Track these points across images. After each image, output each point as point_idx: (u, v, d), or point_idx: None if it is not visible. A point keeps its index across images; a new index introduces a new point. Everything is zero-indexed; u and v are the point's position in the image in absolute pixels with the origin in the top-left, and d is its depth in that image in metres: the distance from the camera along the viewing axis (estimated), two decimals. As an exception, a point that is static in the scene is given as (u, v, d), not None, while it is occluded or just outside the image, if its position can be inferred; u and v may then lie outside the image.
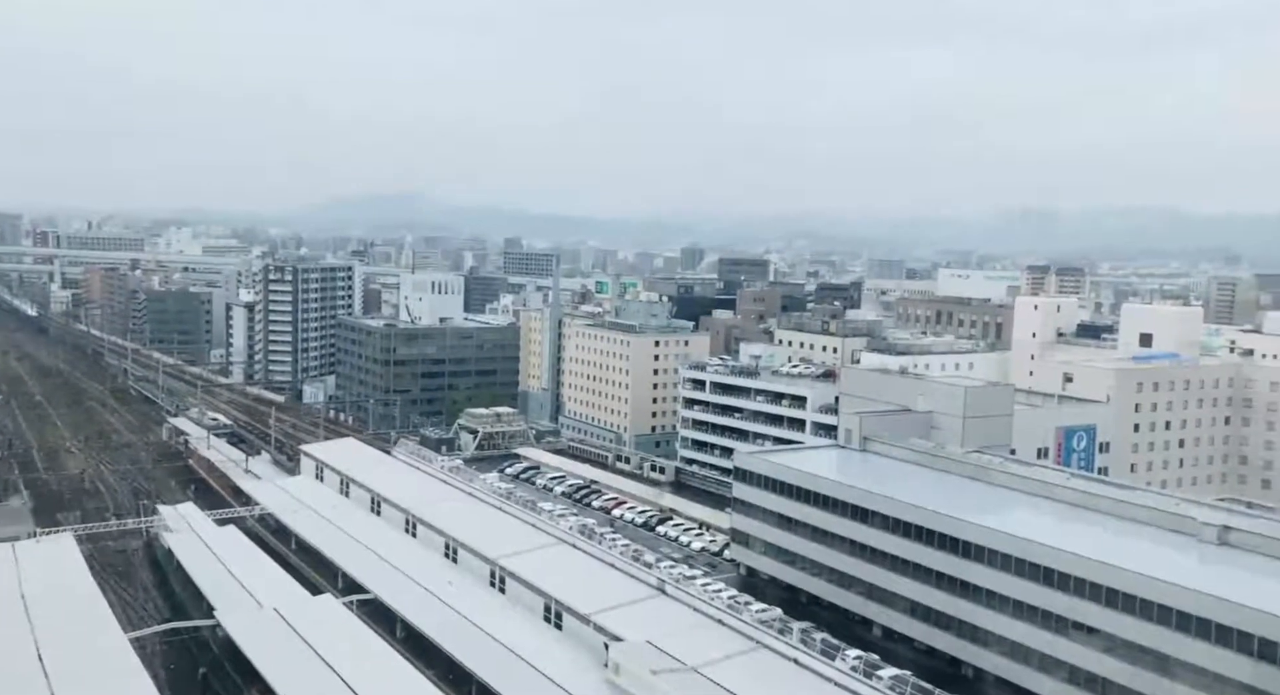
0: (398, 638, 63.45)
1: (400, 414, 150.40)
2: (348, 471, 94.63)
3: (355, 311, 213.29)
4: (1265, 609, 46.67)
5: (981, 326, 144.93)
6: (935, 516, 62.29)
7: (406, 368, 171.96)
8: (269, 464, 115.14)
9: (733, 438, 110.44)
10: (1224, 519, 59.15)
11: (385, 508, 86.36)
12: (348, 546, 78.35)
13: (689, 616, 60.13)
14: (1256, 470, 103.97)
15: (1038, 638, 55.37)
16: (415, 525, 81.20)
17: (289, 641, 58.40)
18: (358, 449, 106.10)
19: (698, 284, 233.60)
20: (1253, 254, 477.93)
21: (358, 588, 70.23)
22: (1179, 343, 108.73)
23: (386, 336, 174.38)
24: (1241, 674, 46.59)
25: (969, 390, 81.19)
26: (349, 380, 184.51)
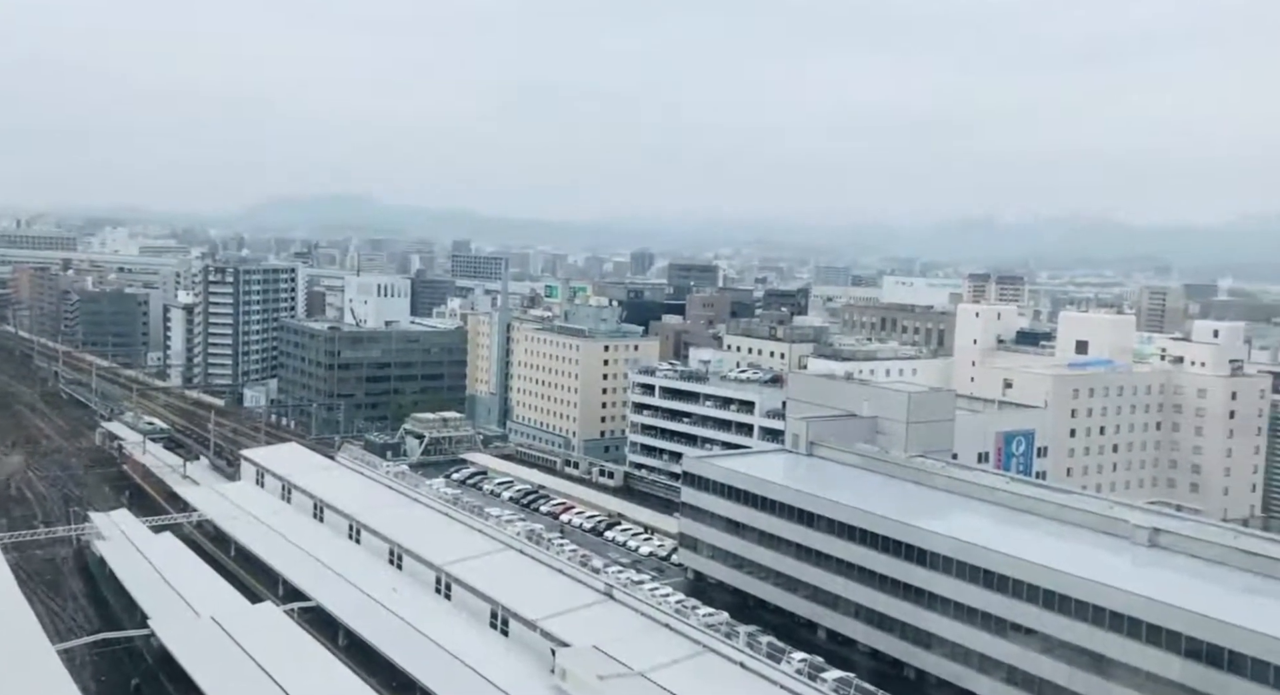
0: (340, 646, 62.27)
1: (344, 418, 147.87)
2: (289, 477, 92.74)
3: (298, 314, 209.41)
4: (1191, 608, 48.19)
5: (925, 333, 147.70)
6: (879, 520, 63.17)
7: (351, 371, 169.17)
8: (208, 469, 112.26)
9: (681, 442, 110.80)
10: (1154, 521, 60.99)
11: (328, 513, 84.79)
12: (289, 553, 76.72)
13: (637, 621, 60.07)
14: (1185, 473, 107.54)
15: (978, 639, 56.43)
16: (359, 531, 79.86)
17: (227, 651, 56.94)
18: (300, 454, 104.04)
19: (648, 289, 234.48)
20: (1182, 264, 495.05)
21: (299, 595, 68.82)
22: (1113, 350, 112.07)
23: (330, 339, 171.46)
24: (1171, 672, 48.02)
25: (912, 396, 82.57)
26: (291, 384, 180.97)
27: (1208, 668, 46.65)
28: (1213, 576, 54.54)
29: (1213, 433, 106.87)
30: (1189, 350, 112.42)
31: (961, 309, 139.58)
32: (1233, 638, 46.09)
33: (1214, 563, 55.88)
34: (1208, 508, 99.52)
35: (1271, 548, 57.96)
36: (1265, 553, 55.82)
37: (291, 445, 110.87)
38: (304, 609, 66.44)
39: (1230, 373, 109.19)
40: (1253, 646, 45.30)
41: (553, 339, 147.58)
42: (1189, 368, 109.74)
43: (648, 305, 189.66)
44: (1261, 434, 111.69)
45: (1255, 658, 45.06)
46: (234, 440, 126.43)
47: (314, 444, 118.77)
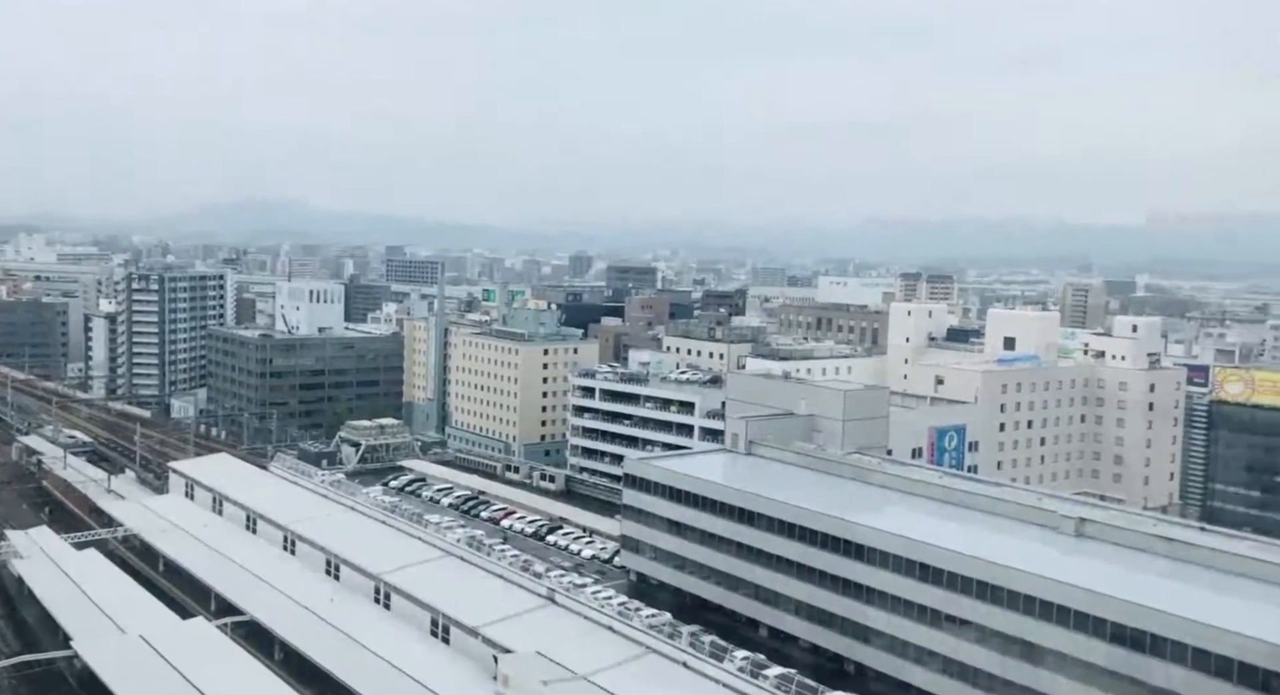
0: (276, 660, 60.85)
1: (277, 428, 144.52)
2: (221, 488, 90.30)
3: (228, 321, 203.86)
4: (1114, 594, 49.95)
5: (859, 332, 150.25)
6: (817, 517, 64.11)
7: (284, 379, 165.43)
8: (134, 483, 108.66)
9: (622, 445, 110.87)
10: (1081, 512, 63.08)
11: (261, 525, 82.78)
12: (221, 567, 74.70)
13: (579, 625, 59.94)
14: (1108, 464, 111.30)
15: (914, 631, 57.65)
16: (294, 542, 78.12)
17: (156, 669, 55.18)
18: (231, 465, 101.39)
19: (586, 291, 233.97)
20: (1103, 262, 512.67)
21: (232, 609, 67.06)
22: (1039, 346, 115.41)
23: (262, 347, 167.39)
24: (1096, 657, 49.68)
25: (848, 394, 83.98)
26: (222, 393, 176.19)
27: (1130, 651, 48.38)
28: (1135, 563, 56.61)
29: (1133, 424, 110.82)
30: (1110, 345, 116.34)
31: (894, 308, 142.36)
32: (1152, 621, 47.89)
33: (1136, 550, 58.01)
34: (1130, 496, 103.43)
35: (1188, 534, 60.47)
36: (1183, 539, 58.18)
37: (222, 456, 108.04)
38: (238, 623, 64.76)
39: (1148, 366, 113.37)
40: (1171, 629, 47.13)
41: (491, 343, 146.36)
42: (1110, 362, 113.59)
43: (587, 308, 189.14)
44: (1178, 424, 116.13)
45: (1174, 640, 46.89)
46: (161, 452, 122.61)
47: (246, 454, 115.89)
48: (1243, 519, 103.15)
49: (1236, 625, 45.75)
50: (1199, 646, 45.93)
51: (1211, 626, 46.04)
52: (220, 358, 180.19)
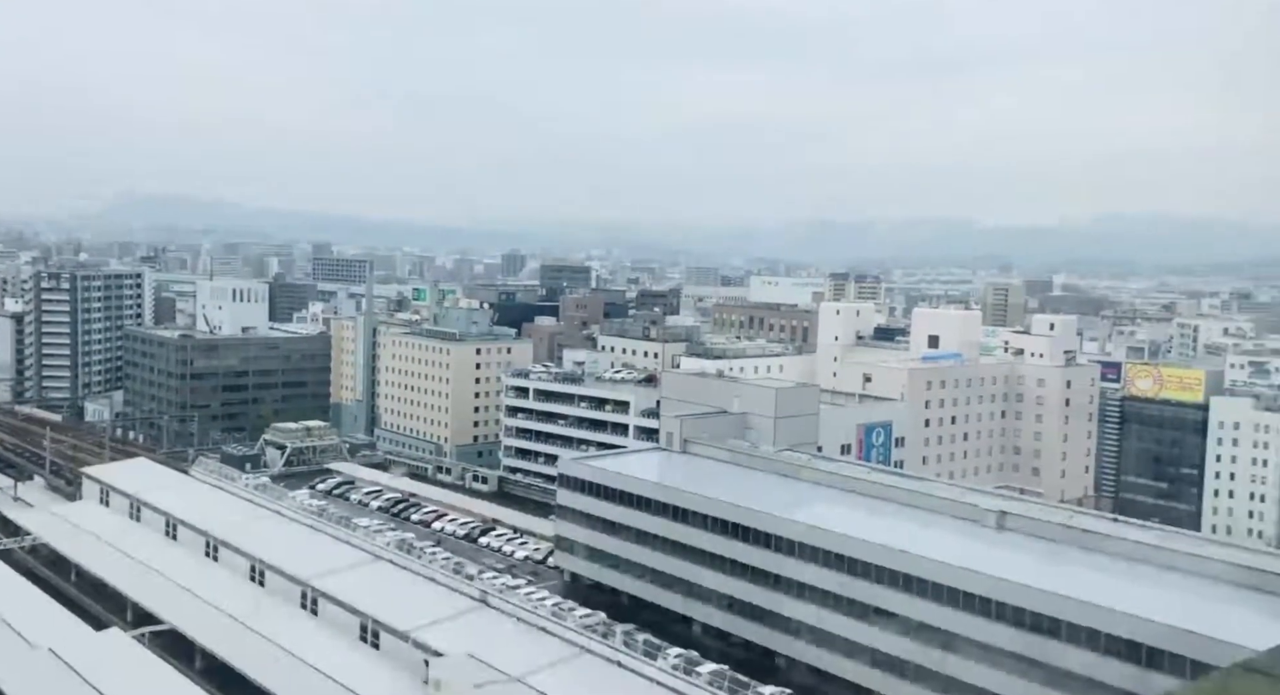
0: (197, 669, 58.98)
1: (199, 431, 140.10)
2: (138, 494, 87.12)
3: (146, 321, 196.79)
4: (1023, 583, 51.62)
5: (790, 331, 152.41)
6: (749, 513, 64.80)
7: (205, 381, 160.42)
8: (43, 490, 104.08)
9: (557, 444, 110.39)
10: (1002, 505, 65.03)
11: (182, 531, 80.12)
12: (139, 575, 72.09)
13: (512, 626, 59.51)
14: (1028, 458, 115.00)
15: (843, 625, 58.66)
16: (217, 548, 75.82)
17: (66, 683, 52.94)
18: (150, 470, 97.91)
19: (519, 291, 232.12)
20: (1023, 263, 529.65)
21: (151, 619, 64.77)
22: (961, 344, 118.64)
23: (182, 348, 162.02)
24: (1008, 643, 51.19)
25: (779, 392, 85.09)
26: (139, 396, 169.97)
27: (1039, 637, 50.07)
28: (1051, 553, 58.60)
29: (1050, 419, 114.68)
30: (1028, 342, 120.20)
31: (823, 307, 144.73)
32: (1057, 607, 49.66)
33: (1053, 541, 60.05)
34: (1047, 490, 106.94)
35: (1101, 524, 62.91)
36: (1096, 529, 60.48)
37: (140, 460, 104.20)
38: (156, 633, 62.58)
39: (1065, 363, 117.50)
40: (1074, 614, 48.94)
41: (422, 343, 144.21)
42: (1029, 359, 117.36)
43: (520, 307, 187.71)
44: (1092, 419, 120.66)
45: (1077, 624, 48.71)
46: (74, 458, 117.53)
47: (165, 458, 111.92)
48: (1151, 509, 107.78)
49: (1133, 608, 47.74)
50: (1098, 629, 47.84)
51: (1109, 610, 47.97)
52: (138, 359, 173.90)
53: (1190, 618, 45.83)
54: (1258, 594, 50.03)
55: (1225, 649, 38.73)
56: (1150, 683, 43.10)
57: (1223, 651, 38.54)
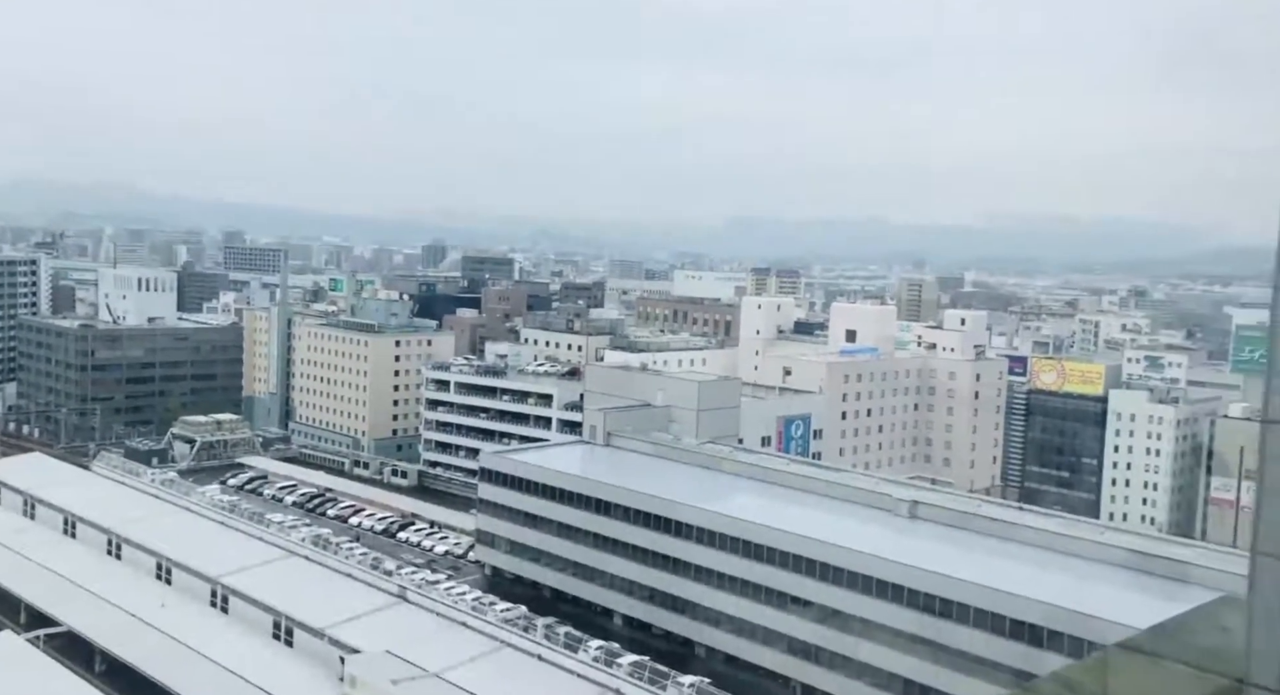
0: (97, 672, 56.66)
1: (101, 424, 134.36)
2: (32, 491, 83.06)
3: (42, 311, 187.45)
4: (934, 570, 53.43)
5: (713, 324, 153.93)
6: (669, 505, 65.38)
7: (108, 373, 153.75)
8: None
9: (479, 438, 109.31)
10: (914, 495, 67.07)
11: (82, 529, 76.74)
12: (33, 575, 68.80)
13: (431, 622, 58.81)
14: (939, 449, 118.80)
15: (761, 613, 59.72)
16: (120, 546, 72.87)
17: (-45, 691, 50.27)
18: (46, 465, 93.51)
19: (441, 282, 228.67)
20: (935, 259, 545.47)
21: (47, 621, 61.88)
22: (877, 338, 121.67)
23: (82, 338, 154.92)
24: (923, 630, 52.92)
25: (702, 385, 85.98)
26: (35, 388, 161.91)
27: (937, 618, 51.94)
28: (960, 541, 60.70)
29: (960, 412, 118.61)
30: (940, 337, 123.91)
31: (745, 302, 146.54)
32: (954, 590, 51.56)
33: (963, 529, 62.21)
34: (957, 480, 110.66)
35: (1008, 513, 65.49)
36: (1002, 518, 62.93)
37: (35, 455, 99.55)
38: (52, 636, 59.85)
39: (974, 357, 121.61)
40: (968, 596, 50.93)
41: (339, 335, 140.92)
42: (941, 353, 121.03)
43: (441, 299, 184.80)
44: (1000, 412, 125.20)
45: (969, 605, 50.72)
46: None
47: (64, 453, 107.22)
48: (1054, 498, 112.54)
49: (1030, 592, 49.91)
50: (999, 613, 49.94)
51: (1007, 593, 50.08)
52: (33, 350, 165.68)
53: (1081, 599, 48.17)
54: (1148, 577, 52.74)
55: (1111, 628, 40.75)
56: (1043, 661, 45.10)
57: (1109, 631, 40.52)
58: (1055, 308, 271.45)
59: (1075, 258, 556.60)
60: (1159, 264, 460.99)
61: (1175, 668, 4.97)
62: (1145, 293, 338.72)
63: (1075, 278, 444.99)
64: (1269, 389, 4.61)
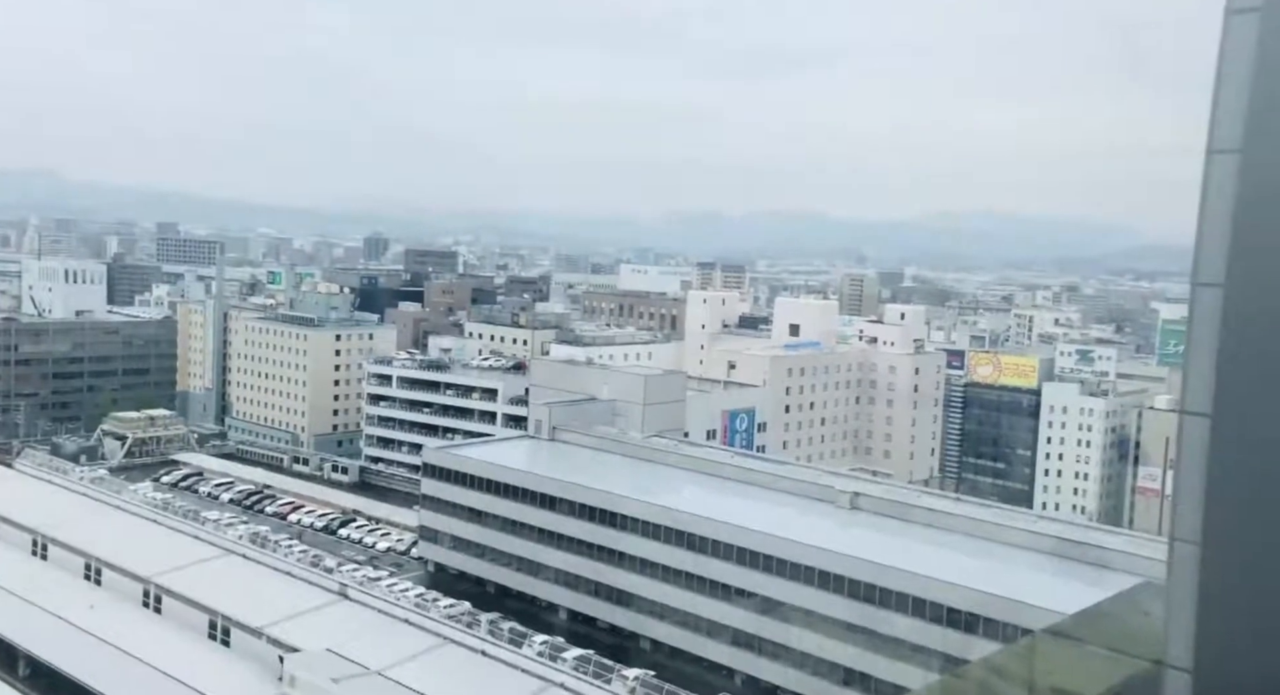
0: (22, 676, 54.76)
1: (26, 421, 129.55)
2: (-48, 491, 79.81)
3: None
4: (870, 559, 54.48)
5: (659, 318, 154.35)
6: (613, 499, 65.48)
7: (33, 368, 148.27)
8: None
9: (422, 433, 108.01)
10: (854, 487, 68.21)
11: (4, 529, 73.98)
12: (-47, 579, 66.07)
13: (373, 619, 58.08)
14: (880, 441, 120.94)
15: (707, 606, 60.20)
16: (45, 546, 70.46)
17: None
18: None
19: (382, 275, 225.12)
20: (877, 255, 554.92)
21: (-33, 626, 59.51)
22: (820, 332, 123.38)
23: (5, 332, 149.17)
24: (853, 616, 53.95)
25: (648, 379, 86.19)
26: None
27: (873, 607, 53.03)
28: (899, 531, 61.94)
29: (900, 405, 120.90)
30: (881, 331, 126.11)
31: (691, 296, 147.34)
32: (889, 578, 52.71)
33: (902, 520, 63.48)
34: (897, 472, 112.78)
35: (945, 503, 66.99)
36: (940, 508, 64.36)
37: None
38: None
39: (914, 351, 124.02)
40: (903, 584, 52.13)
41: (277, 329, 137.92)
42: (881, 347, 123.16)
43: (383, 292, 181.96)
44: (938, 404, 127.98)
45: (905, 593, 51.95)
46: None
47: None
48: (990, 488, 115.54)
49: (958, 578, 51.25)
50: (926, 598, 51.21)
51: (935, 579, 51.38)
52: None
53: (1013, 586, 49.60)
54: (1077, 564, 54.44)
55: (1040, 614, 42.02)
56: (977, 648, 46.35)
57: (1036, 616, 41.81)
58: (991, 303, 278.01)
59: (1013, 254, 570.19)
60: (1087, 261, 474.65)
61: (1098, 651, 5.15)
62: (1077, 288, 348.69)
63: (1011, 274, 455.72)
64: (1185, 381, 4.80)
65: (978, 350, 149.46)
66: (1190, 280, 4.94)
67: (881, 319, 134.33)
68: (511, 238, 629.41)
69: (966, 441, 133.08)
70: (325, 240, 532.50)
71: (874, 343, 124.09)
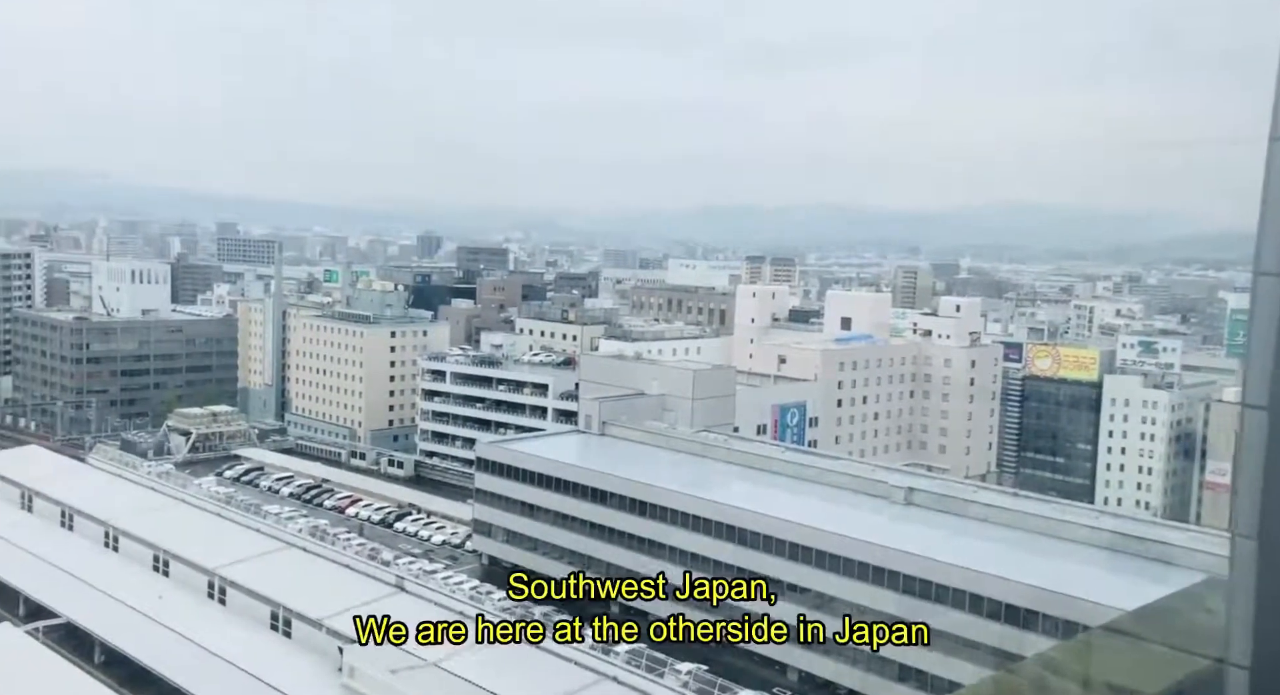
0: (97, 664, 56.84)
1: (97, 417, 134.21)
2: (30, 484, 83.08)
3: (36, 303, 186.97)
4: (925, 555, 53.71)
5: (708, 313, 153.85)
6: (665, 493, 65.55)
7: (103, 365, 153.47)
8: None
9: (475, 428, 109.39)
10: (909, 482, 67.28)
11: (79, 521, 76.82)
12: (31, 567, 68.90)
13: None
14: (935, 436, 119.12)
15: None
16: (117, 538, 72.97)
17: (-45, 684, 50.39)
18: (42, 458, 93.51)
19: (436, 273, 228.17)
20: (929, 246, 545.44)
21: (45, 612, 62.06)
22: (873, 325, 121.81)
23: (77, 331, 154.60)
24: (907, 612, 53.20)
25: (697, 373, 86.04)
26: (31, 381, 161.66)
27: (920, 601, 52.27)
28: (958, 528, 60.98)
29: (956, 399, 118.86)
30: (936, 324, 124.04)
31: (740, 290, 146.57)
32: (940, 573, 51.86)
33: (958, 516, 62.49)
34: (953, 466, 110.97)
35: (1002, 499, 65.71)
36: (997, 504, 63.17)
37: (32, 448, 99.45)
38: (51, 627, 60.04)
39: (970, 344, 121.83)
40: (954, 579, 51.29)
41: (334, 326, 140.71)
42: (936, 340, 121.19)
43: (436, 289, 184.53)
44: (995, 398, 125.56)
45: (956, 588, 51.10)
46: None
47: (60, 446, 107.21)
48: (1050, 484, 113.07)
49: (1016, 574, 50.25)
50: (983, 594, 50.35)
51: (992, 575, 50.46)
52: (28, 343, 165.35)
53: (1072, 583, 48.55)
54: (1140, 560, 53.07)
55: (1098, 610, 41.10)
56: (1031, 644, 45.52)
57: (1097, 612, 40.86)
58: (1050, 294, 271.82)
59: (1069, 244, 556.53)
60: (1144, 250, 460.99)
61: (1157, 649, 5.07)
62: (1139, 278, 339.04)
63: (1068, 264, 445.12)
64: (1245, 374, 4.71)
65: (1036, 342, 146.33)
66: (1252, 270, 4.84)
67: (936, 311, 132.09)
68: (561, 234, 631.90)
69: (1024, 436, 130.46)
70: (379, 238, 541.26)
71: (928, 336, 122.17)
